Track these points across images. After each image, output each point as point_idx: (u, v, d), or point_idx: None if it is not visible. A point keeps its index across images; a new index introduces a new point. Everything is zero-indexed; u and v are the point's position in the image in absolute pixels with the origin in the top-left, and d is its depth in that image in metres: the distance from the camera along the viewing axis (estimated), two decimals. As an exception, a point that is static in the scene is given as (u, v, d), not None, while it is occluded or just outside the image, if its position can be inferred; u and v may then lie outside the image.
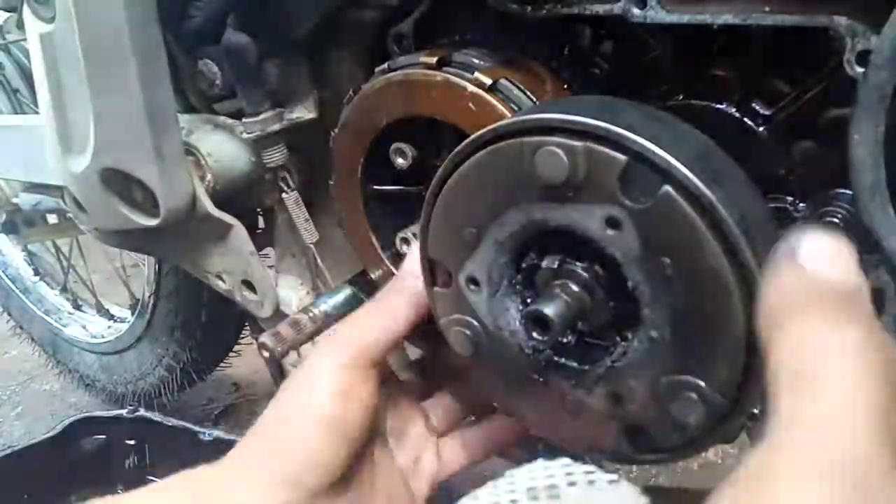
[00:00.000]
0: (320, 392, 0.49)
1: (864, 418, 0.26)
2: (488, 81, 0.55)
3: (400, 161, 0.63)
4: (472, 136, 0.46)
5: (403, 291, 0.53)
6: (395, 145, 0.62)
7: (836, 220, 0.50)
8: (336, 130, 0.65)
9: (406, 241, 0.67)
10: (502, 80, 0.56)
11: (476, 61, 0.57)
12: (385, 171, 0.65)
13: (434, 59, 0.57)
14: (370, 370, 0.51)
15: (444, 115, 0.58)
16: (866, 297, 0.30)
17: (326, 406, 0.49)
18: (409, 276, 0.53)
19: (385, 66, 0.60)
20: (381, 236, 0.69)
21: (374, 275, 0.71)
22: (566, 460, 0.42)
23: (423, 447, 0.57)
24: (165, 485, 0.48)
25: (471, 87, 0.55)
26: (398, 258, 0.69)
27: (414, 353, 0.66)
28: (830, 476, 0.25)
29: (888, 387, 0.27)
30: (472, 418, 0.61)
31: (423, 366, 0.64)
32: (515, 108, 0.55)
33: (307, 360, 0.53)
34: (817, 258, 0.30)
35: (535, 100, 0.56)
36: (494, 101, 0.55)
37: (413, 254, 0.53)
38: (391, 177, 0.66)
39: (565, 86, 0.59)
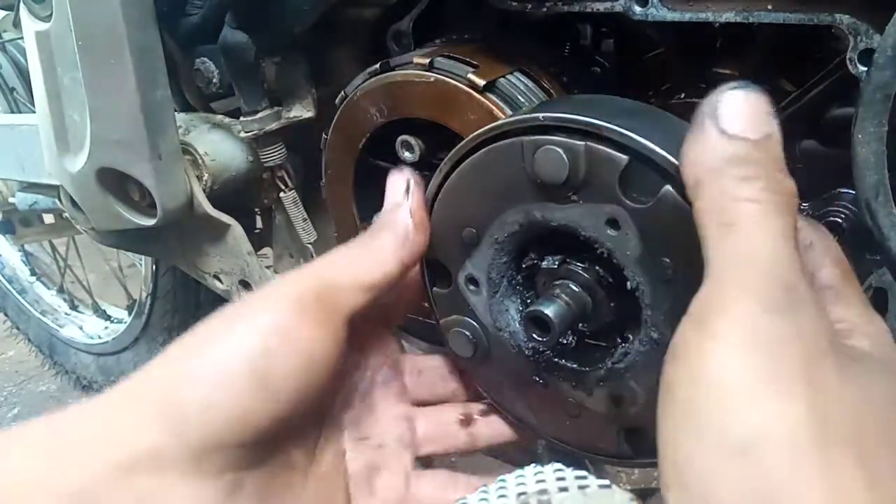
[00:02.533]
0: (248, 326, 0.38)
1: (775, 247, 0.31)
2: (482, 83, 0.54)
3: (407, 155, 0.61)
4: (471, 135, 0.45)
5: (391, 226, 0.44)
6: (401, 138, 0.60)
7: (838, 219, 0.50)
8: (328, 133, 0.64)
9: None
10: (497, 81, 0.54)
11: (470, 61, 0.56)
12: (377, 173, 0.64)
13: (427, 60, 0.56)
14: (335, 317, 0.40)
15: (437, 117, 0.56)
16: (774, 144, 0.34)
17: (248, 344, 0.37)
18: (396, 209, 0.44)
19: (377, 66, 0.59)
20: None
21: None
22: (558, 466, 0.41)
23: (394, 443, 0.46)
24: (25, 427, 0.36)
25: (464, 89, 0.54)
26: None
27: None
28: (761, 297, 0.30)
29: (789, 217, 0.32)
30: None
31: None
32: (509, 110, 0.54)
33: (253, 293, 0.42)
34: (733, 118, 0.34)
35: (532, 100, 0.55)
36: (488, 103, 0.54)
37: (395, 185, 0.46)
38: (384, 180, 0.65)
39: (565, 85, 0.58)
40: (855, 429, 0.28)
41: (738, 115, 0.34)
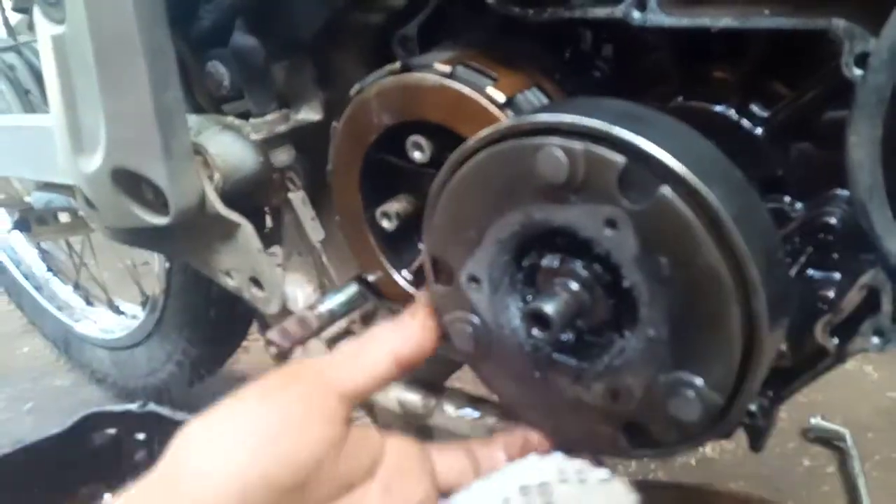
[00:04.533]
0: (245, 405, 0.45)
1: None
2: (502, 99, 0.55)
3: (417, 155, 0.62)
4: (474, 138, 0.47)
5: (397, 324, 0.52)
6: (412, 138, 0.61)
7: (833, 219, 0.51)
8: (338, 123, 0.65)
9: (386, 214, 0.66)
10: (515, 97, 0.56)
11: (489, 73, 0.57)
12: (384, 166, 0.64)
13: (448, 69, 0.57)
14: (337, 404, 0.46)
15: (451, 124, 0.57)
16: None
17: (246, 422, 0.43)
18: (420, 310, 0.53)
19: (397, 65, 0.60)
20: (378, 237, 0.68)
21: (371, 277, 0.71)
22: (559, 457, 0.43)
23: None
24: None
25: (484, 103, 0.55)
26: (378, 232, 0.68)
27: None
28: None
29: None
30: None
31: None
32: None
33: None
34: None
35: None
36: (504, 117, 0.55)
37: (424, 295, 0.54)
38: (390, 173, 0.66)
39: (566, 89, 0.59)
40: None
41: None
